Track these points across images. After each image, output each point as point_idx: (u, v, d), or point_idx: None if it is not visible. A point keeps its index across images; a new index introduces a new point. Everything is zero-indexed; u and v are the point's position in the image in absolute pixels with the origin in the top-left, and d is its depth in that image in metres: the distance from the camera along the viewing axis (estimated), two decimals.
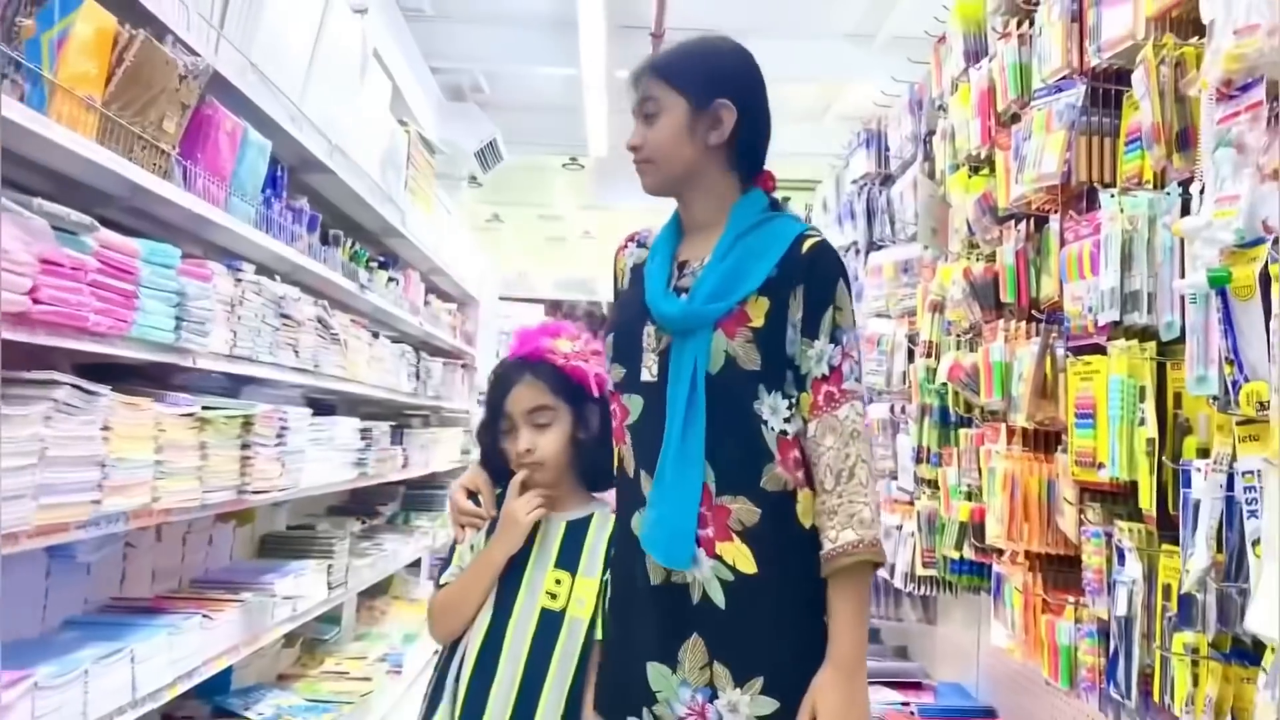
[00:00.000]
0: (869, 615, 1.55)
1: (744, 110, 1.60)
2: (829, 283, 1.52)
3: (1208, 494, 1.49)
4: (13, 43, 1.69)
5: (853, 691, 1.45)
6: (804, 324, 1.51)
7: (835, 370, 1.50)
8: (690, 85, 1.57)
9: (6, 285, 1.62)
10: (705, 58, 1.62)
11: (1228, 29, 1.48)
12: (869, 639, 1.56)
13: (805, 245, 1.53)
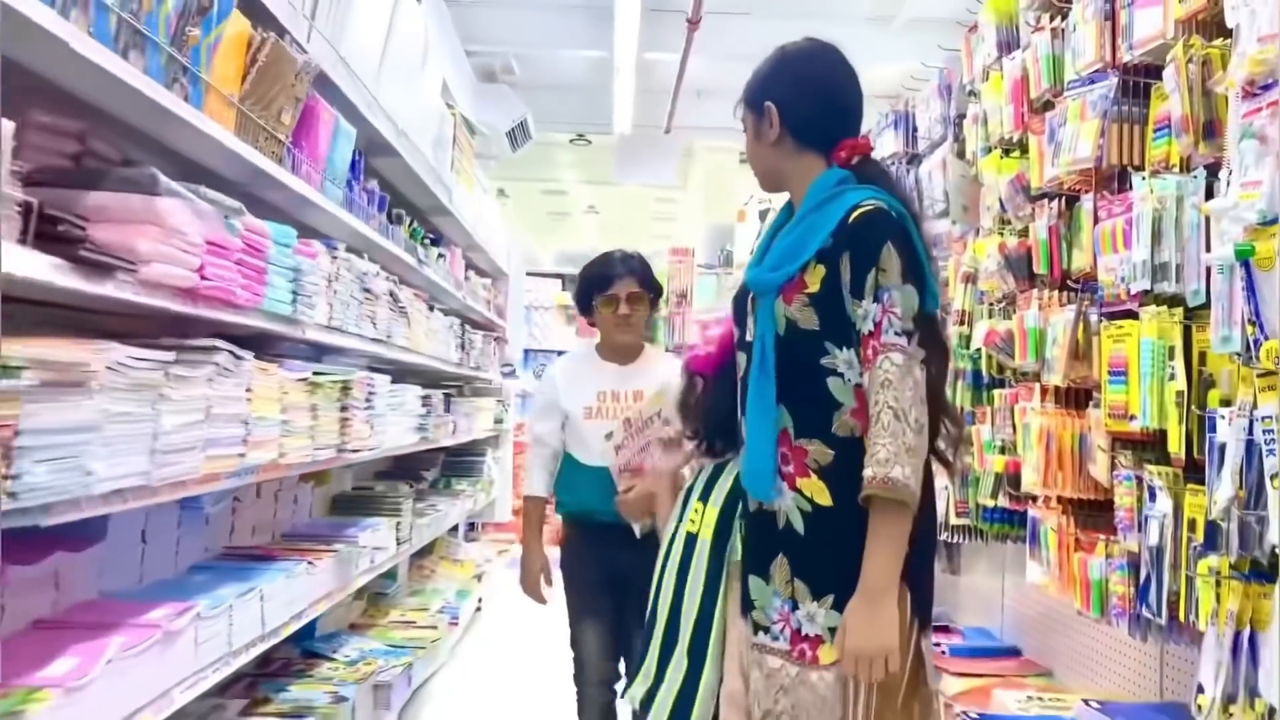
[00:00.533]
0: (899, 549, 1.67)
1: (782, 102, 1.85)
2: (873, 247, 1.71)
3: (1232, 436, 1.74)
4: (182, 50, 1.92)
5: (874, 615, 1.64)
6: (851, 286, 1.74)
7: (876, 326, 1.70)
8: (749, 101, 1.89)
9: (181, 263, 1.86)
10: (756, 72, 1.90)
11: (1252, 36, 1.72)
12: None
13: (853, 215, 1.75)
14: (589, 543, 2.83)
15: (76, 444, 1.50)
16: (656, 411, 2.67)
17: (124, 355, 1.64)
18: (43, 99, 1.78)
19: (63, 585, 2.05)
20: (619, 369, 2.89)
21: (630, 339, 2.89)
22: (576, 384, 2.88)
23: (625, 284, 2.85)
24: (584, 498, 2.80)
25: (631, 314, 2.86)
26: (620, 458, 2.68)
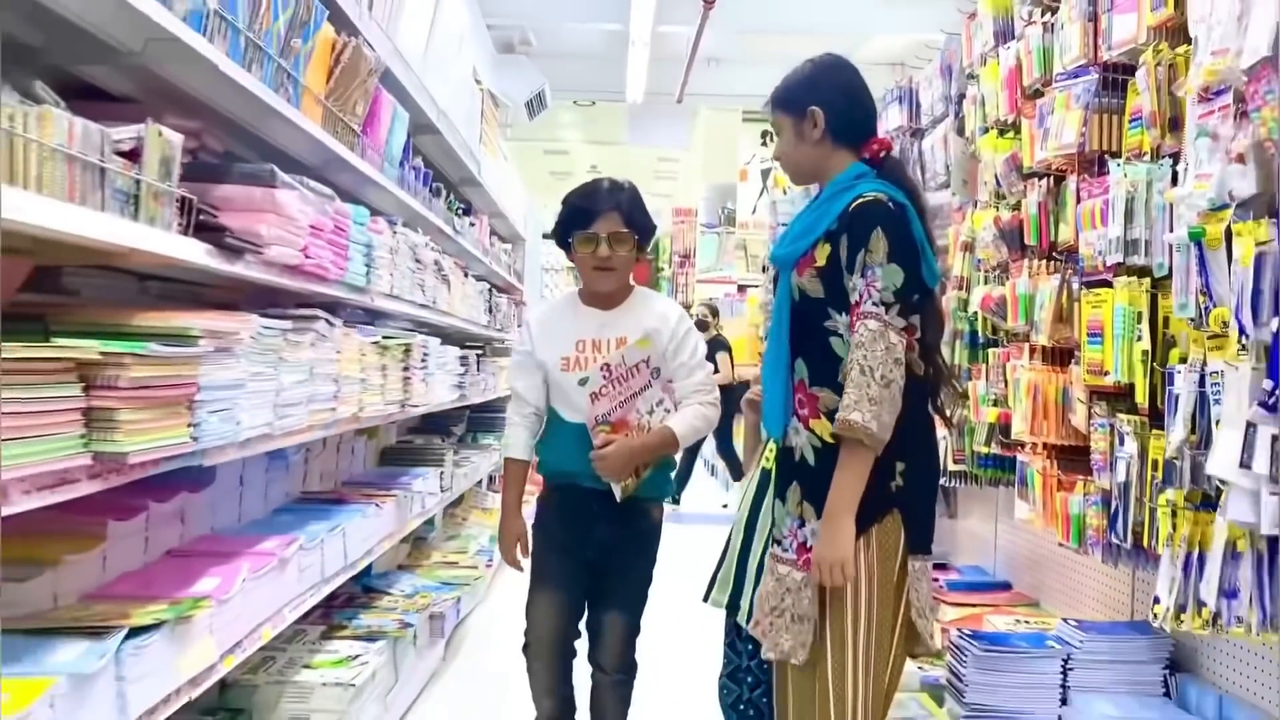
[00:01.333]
0: (858, 480, 1.98)
1: (827, 106, 2.15)
2: (865, 231, 2.03)
3: (1185, 388, 2.07)
4: (286, 58, 2.22)
5: (832, 532, 1.98)
6: (846, 263, 2.06)
7: (860, 297, 2.02)
8: (788, 106, 2.18)
9: (292, 244, 2.18)
10: (794, 81, 2.20)
11: (1208, 48, 2.02)
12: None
13: (853, 205, 2.07)
14: (567, 509, 2.58)
15: (230, 399, 1.83)
16: (644, 358, 2.47)
17: (259, 325, 1.96)
18: (171, 102, 2.09)
19: (186, 521, 2.38)
20: (601, 314, 2.56)
21: (610, 286, 2.54)
22: (554, 333, 2.57)
23: (608, 221, 2.49)
24: (565, 458, 2.55)
25: (612, 256, 2.49)
26: (597, 407, 2.44)
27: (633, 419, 2.46)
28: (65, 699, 1.44)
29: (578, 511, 2.55)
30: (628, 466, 2.45)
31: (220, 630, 1.96)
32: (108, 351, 1.42)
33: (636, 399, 2.46)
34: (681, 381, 2.53)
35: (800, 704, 2.08)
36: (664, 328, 2.52)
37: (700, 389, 2.55)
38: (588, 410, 2.44)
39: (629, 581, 2.59)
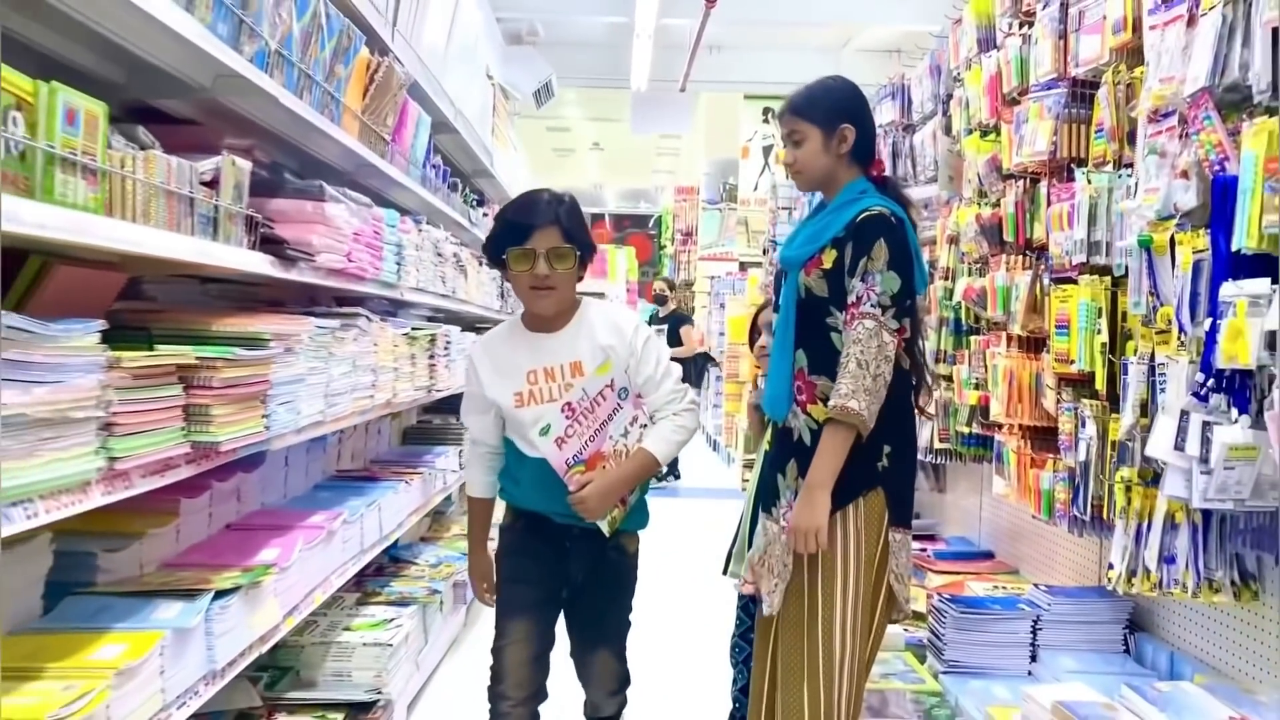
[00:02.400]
0: (838, 459, 2.22)
1: (858, 125, 2.39)
2: (868, 241, 2.26)
3: (1136, 377, 2.32)
4: (329, 81, 2.47)
5: (810, 503, 2.22)
6: (849, 267, 2.31)
7: (857, 298, 2.27)
8: (819, 119, 2.35)
9: (338, 251, 2.43)
10: (826, 95, 2.39)
11: (1156, 75, 2.26)
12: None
13: (859, 218, 2.31)
14: (537, 539, 2.35)
15: (293, 392, 2.09)
16: (606, 384, 2.27)
17: (315, 326, 2.22)
18: (227, 123, 2.33)
19: (242, 498, 2.65)
20: (548, 339, 2.29)
21: (552, 308, 2.27)
22: (501, 367, 2.31)
23: (546, 235, 2.21)
24: (532, 495, 2.34)
25: (552, 274, 2.22)
26: (566, 451, 2.24)
27: (606, 448, 2.27)
28: (170, 649, 1.70)
29: (549, 543, 2.34)
30: (610, 502, 2.27)
31: (282, 594, 2.23)
32: (203, 356, 1.68)
33: (607, 427, 2.27)
34: (651, 395, 2.34)
35: (789, 660, 2.35)
36: (620, 342, 2.31)
37: (672, 398, 2.36)
38: (553, 457, 2.23)
39: (610, 618, 2.43)
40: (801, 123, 2.36)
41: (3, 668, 1.52)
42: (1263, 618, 2.37)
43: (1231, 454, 1.97)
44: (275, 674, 2.78)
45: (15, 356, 1.22)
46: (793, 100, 2.40)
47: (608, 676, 2.42)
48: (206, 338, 1.81)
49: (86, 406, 1.37)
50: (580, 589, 2.37)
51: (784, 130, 2.39)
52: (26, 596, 1.75)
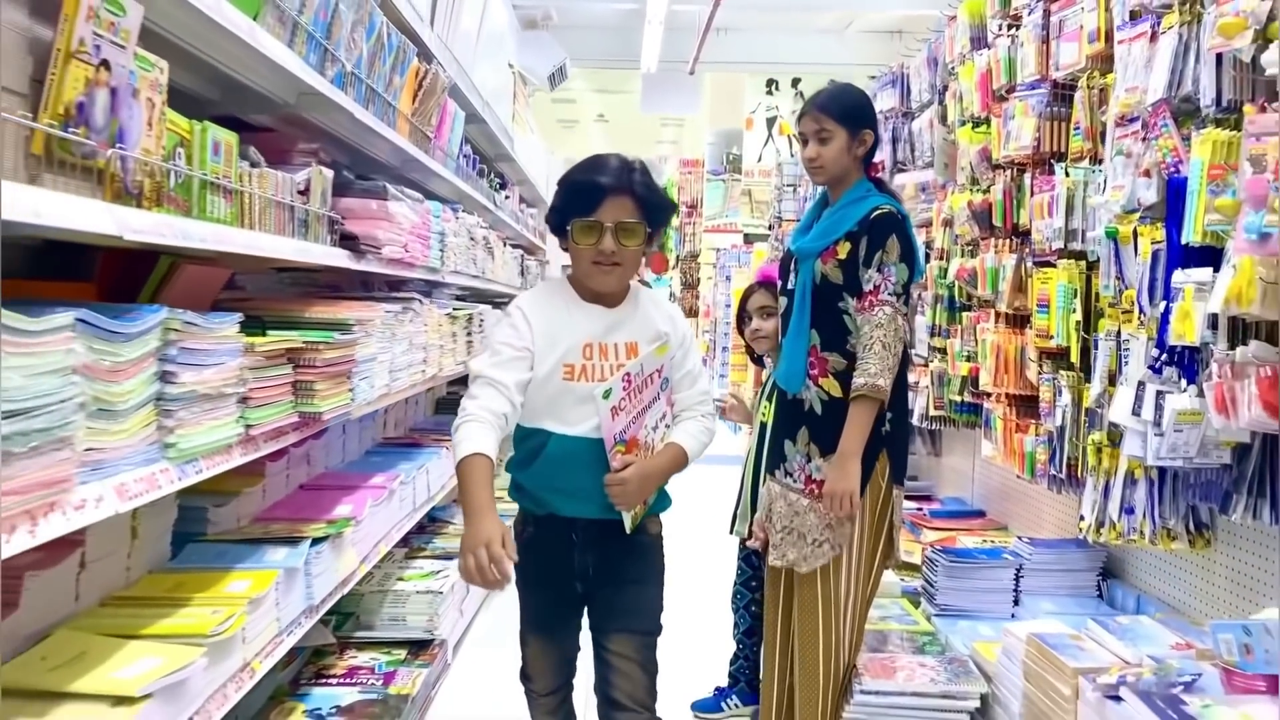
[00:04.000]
0: (867, 429, 2.55)
1: (874, 134, 2.69)
2: (883, 236, 2.59)
3: (1104, 352, 2.64)
4: (388, 91, 2.76)
5: (843, 469, 2.54)
6: (865, 258, 2.62)
7: (876, 287, 2.60)
8: (848, 121, 2.64)
9: (398, 244, 2.74)
10: (853, 101, 2.68)
11: (1123, 85, 2.56)
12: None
13: (873, 214, 2.62)
14: (542, 545, 2.13)
15: (369, 369, 2.40)
16: (658, 367, 2.13)
17: (384, 310, 2.54)
18: (298, 129, 2.63)
19: (311, 462, 2.98)
20: (607, 314, 2.12)
21: (614, 286, 2.10)
22: (556, 331, 2.07)
23: (615, 207, 2.02)
24: (551, 474, 2.08)
25: (619, 251, 2.04)
26: (616, 423, 2.03)
27: (641, 436, 2.10)
28: (282, 585, 2.04)
29: (557, 546, 2.13)
30: (645, 492, 2.10)
31: (358, 544, 2.56)
32: (308, 340, 1.99)
33: (646, 413, 2.10)
34: (685, 391, 2.22)
35: (804, 603, 2.69)
36: (674, 331, 2.19)
37: (703, 399, 2.26)
38: (607, 426, 2.02)
39: (638, 607, 2.18)
40: (832, 122, 2.65)
41: (153, 598, 1.86)
42: (1214, 562, 2.69)
43: (1180, 418, 2.28)
44: (339, 618, 3.12)
45: (189, 345, 1.54)
46: (824, 101, 2.68)
47: (634, 675, 2.14)
48: (304, 324, 2.12)
49: (233, 384, 1.69)
50: (595, 577, 2.14)
51: (813, 127, 2.66)
52: (159, 543, 2.08)
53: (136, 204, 1.43)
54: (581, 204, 2.04)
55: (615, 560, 2.16)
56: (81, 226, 1.24)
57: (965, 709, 2.69)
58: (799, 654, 2.69)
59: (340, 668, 2.82)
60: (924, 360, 4.25)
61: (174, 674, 1.53)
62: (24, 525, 1.16)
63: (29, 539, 1.16)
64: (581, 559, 2.14)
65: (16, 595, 1.60)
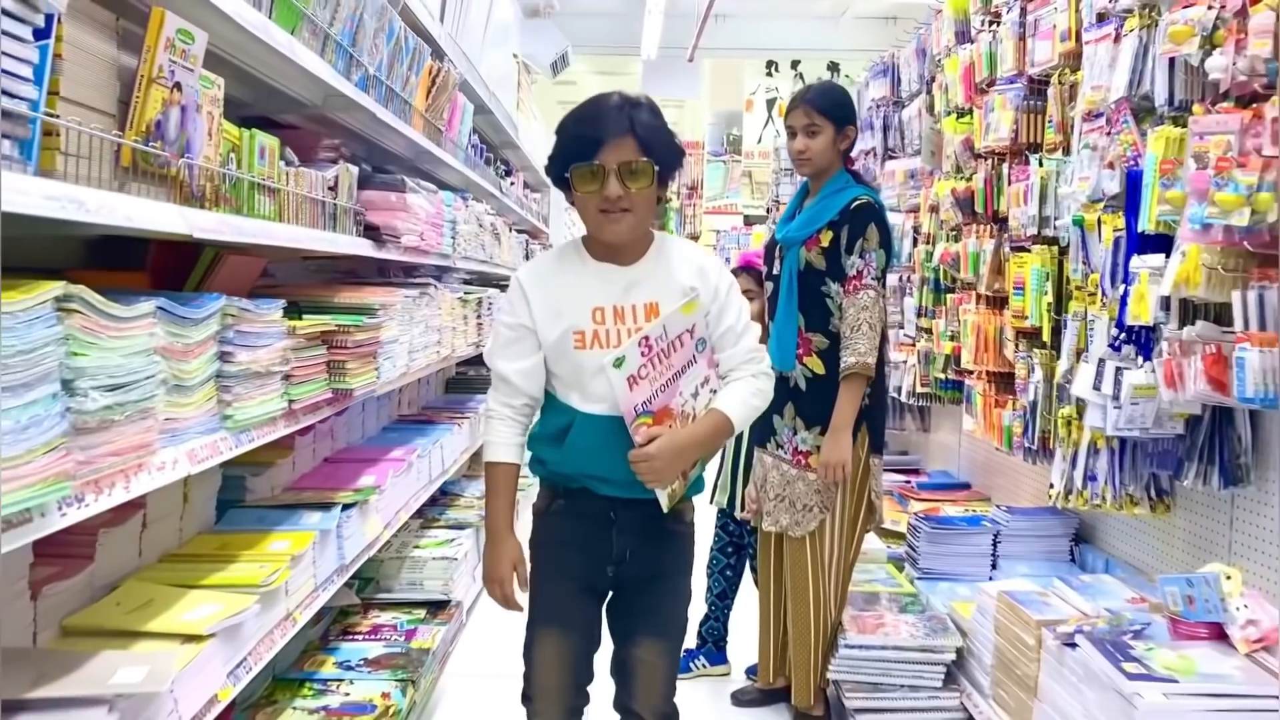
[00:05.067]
0: (857, 403, 2.81)
1: (855, 130, 2.89)
2: (863, 224, 2.82)
3: (1071, 331, 2.84)
4: (404, 90, 2.96)
5: (836, 441, 2.78)
6: (847, 246, 2.83)
7: (859, 272, 2.81)
8: (835, 117, 2.86)
9: (415, 233, 2.94)
10: (839, 98, 2.90)
11: (1089, 83, 2.75)
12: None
13: (853, 205, 2.83)
14: (579, 522, 1.97)
15: (392, 350, 2.61)
16: (688, 328, 1.89)
17: (404, 295, 2.74)
18: (322, 125, 2.83)
19: (334, 437, 3.19)
20: (622, 272, 1.92)
21: (626, 235, 1.88)
22: (559, 299, 1.91)
23: (618, 148, 1.82)
24: (578, 458, 1.91)
25: (626, 195, 1.83)
26: (636, 394, 1.83)
27: (675, 405, 1.88)
28: (318, 545, 2.25)
29: (593, 525, 1.95)
30: (678, 467, 1.88)
31: (381, 511, 2.78)
32: (340, 324, 2.20)
33: (679, 379, 1.88)
34: (728, 350, 1.96)
35: (795, 564, 2.91)
36: (704, 285, 1.93)
37: (751, 357, 1.99)
38: (624, 398, 1.82)
39: (666, 607, 2.02)
40: (820, 117, 2.87)
41: (204, 555, 2.07)
42: (1174, 526, 2.91)
43: (1136, 392, 2.49)
44: (361, 582, 3.35)
45: (243, 328, 1.75)
46: (813, 97, 2.89)
47: (655, 684, 2.00)
48: (335, 308, 2.33)
49: (278, 363, 1.90)
50: (628, 568, 1.97)
51: (803, 121, 2.87)
52: (206, 508, 2.30)
53: (200, 205, 1.63)
54: (581, 148, 1.83)
55: (651, 548, 1.97)
56: (160, 228, 1.44)
57: (942, 661, 2.92)
58: (791, 611, 2.92)
59: (365, 626, 3.05)
60: (911, 340, 4.45)
61: (233, 617, 1.75)
62: (120, 482, 1.37)
63: (125, 494, 1.37)
64: (620, 541, 1.95)
65: (92, 549, 1.81)
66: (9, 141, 1.14)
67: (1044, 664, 2.44)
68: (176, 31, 1.45)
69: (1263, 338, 2.03)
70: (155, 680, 1.44)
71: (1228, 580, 2.22)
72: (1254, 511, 2.51)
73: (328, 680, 2.59)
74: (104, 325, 1.31)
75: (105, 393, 1.29)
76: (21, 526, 1.15)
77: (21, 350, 1.12)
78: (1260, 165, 2.03)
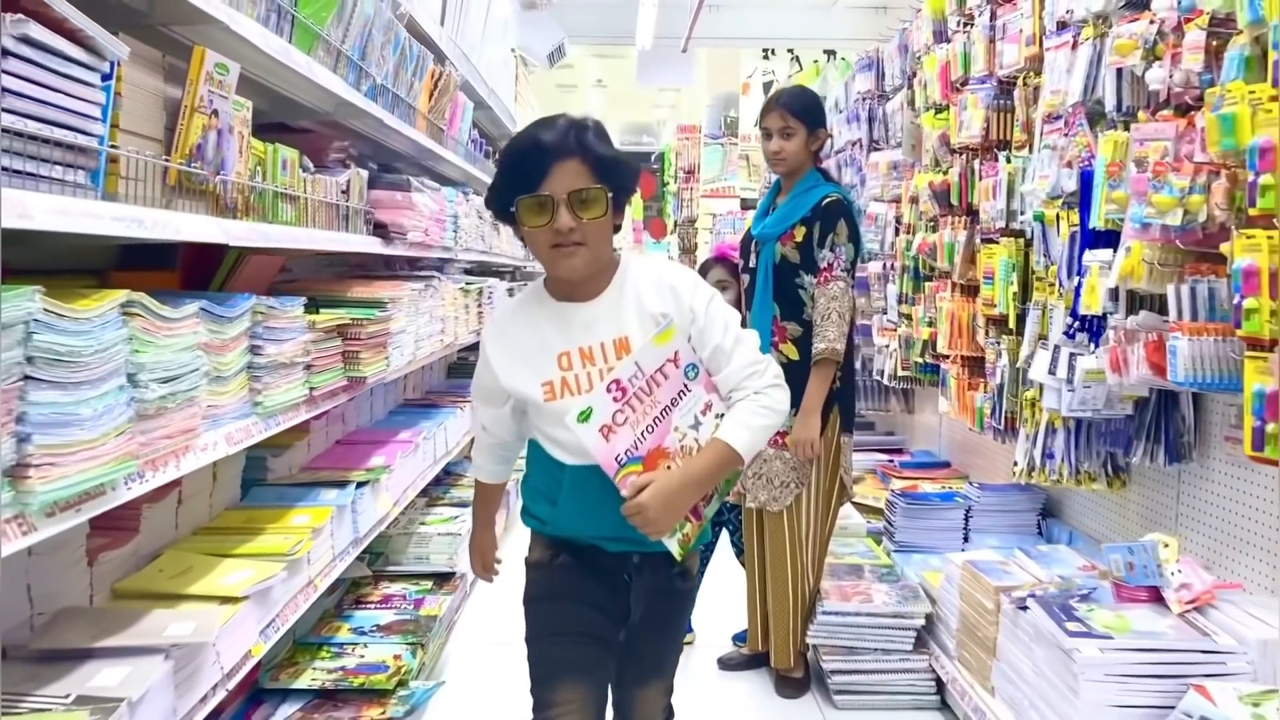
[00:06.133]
0: (827, 385, 3.03)
1: (826, 130, 3.09)
2: (833, 220, 3.04)
3: (1032, 319, 3.05)
4: (410, 96, 3.15)
5: (806, 421, 2.99)
6: (818, 240, 3.04)
7: (829, 265, 3.03)
8: (809, 120, 3.07)
9: (420, 229, 3.14)
10: (812, 102, 3.11)
11: (1049, 87, 2.94)
12: (868, 428, 3.10)
13: (824, 202, 3.04)
14: (585, 580, 1.81)
15: (400, 340, 2.82)
16: (669, 356, 1.71)
17: (410, 289, 2.94)
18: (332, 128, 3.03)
19: (345, 420, 3.40)
20: (581, 309, 1.75)
21: (582, 271, 1.71)
22: (522, 350, 1.77)
23: (565, 174, 1.65)
24: (580, 520, 1.78)
25: (578, 227, 1.65)
26: (615, 444, 1.65)
27: (671, 443, 1.70)
28: (335, 519, 2.47)
29: (601, 579, 1.80)
30: (678, 512, 1.68)
31: (390, 490, 2.99)
32: (354, 317, 2.41)
33: (670, 414, 1.70)
34: (723, 371, 1.77)
35: (774, 538, 3.13)
36: (678, 306, 1.76)
37: (751, 372, 1.78)
38: (600, 452, 1.65)
39: (668, 652, 1.97)
40: (796, 121, 3.10)
41: (233, 528, 2.29)
42: (1129, 500, 3.12)
43: (1088, 376, 2.70)
44: (371, 556, 3.56)
45: (270, 324, 1.95)
46: (788, 100, 3.10)
47: (654, 709, 1.97)
48: (348, 302, 2.53)
49: (300, 355, 2.11)
50: (636, 626, 1.85)
51: (779, 123, 3.09)
52: (232, 486, 2.51)
53: (233, 215, 1.83)
54: (525, 177, 1.65)
55: (661, 609, 1.86)
56: (202, 238, 1.65)
57: (912, 626, 3.14)
58: (771, 580, 3.14)
59: (376, 596, 3.27)
60: (893, 325, 4.66)
61: (264, 581, 1.96)
62: (172, 462, 1.58)
63: (175, 471, 1.58)
64: (636, 602, 1.82)
65: (137, 522, 2.03)
66: (82, 172, 1.35)
67: (1001, 626, 2.66)
68: (214, 65, 1.65)
69: (1192, 327, 2.24)
70: (203, 633, 1.65)
71: (1165, 548, 2.43)
72: (1197, 485, 2.72)
73: (344, 644, 2.81)
74: (159, 326, 1.52)
75: (161, 384, 1.50)
76: (97, 499, 1.36)
77: (97, 349, 1.33)
78: (1192, 170, 2.23)
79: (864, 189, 5.17)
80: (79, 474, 1.28)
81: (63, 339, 1.25)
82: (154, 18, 1.71)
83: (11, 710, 1.40)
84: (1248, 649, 2.17)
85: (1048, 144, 2.97)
